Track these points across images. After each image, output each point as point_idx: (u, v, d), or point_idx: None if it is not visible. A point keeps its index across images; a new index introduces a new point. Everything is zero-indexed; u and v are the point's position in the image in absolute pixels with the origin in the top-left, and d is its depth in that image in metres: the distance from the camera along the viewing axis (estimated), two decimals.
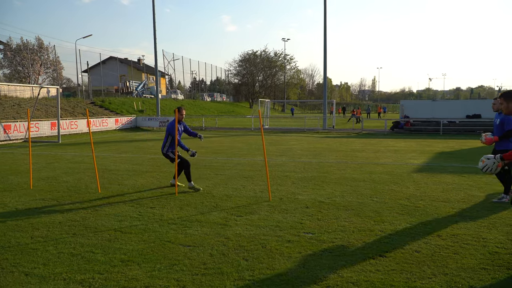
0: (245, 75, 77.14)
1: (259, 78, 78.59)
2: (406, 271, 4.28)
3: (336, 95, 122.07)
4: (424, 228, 5.74)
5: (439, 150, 15.84)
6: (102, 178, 9.55)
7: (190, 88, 67.58)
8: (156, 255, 4.72)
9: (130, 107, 36.74)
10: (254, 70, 76.98)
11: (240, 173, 10.36)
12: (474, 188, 8.41)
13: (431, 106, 28.79)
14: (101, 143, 19.20)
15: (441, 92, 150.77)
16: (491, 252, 4.81)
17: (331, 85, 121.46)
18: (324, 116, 31.10)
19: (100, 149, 16.52)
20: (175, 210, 6.76)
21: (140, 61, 68.02)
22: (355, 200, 7.39)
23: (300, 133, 27.10)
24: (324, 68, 30.93)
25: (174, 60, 56.71)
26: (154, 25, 31.96)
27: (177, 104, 44.67)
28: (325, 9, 29.88)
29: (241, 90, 79.27)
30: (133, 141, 20.46)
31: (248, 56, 77.16)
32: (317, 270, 4.30)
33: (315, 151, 15.43)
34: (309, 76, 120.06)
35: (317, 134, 25.69)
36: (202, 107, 51.10)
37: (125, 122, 30.36)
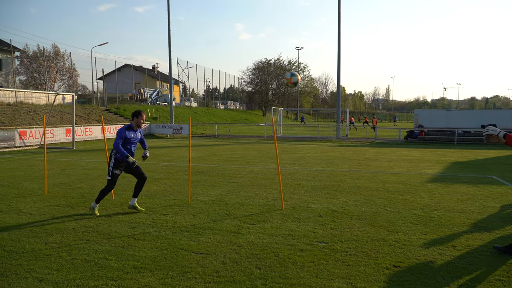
0: (258, 83, 77.33)
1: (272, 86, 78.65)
2: (420, 282, 4.23)
3: (350, 104, 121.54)
4: (438, 238, 5.68)
5: (453, 160, 15.64)
6: (116, 185, 9.64)
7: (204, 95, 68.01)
8: (169, 263, 4.75)
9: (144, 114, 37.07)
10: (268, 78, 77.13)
11: (253, 181, 10.37)
12: (489, 199, 8.29)
13: (445, 115, 28.48)
14: None
15: (456, 102, 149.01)
16: (507, 263, 4.73)
17: (345, 93, 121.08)
18: (338, 124, 30.99)
19: None
20: (188, 217, 6.80)
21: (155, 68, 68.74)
22: (368, 210, 7.33)
23: (313, 141, 27.03)
24: (338, 76, 30.88)
25: (188, 68, 57.26)
26: (169, 33, 32.34)
27: (191, 112, 44.98)
28: (339, 17, 29.90)
29: (254, 98, 79.44)
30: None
31: (261, 64, 77.41)
32: (330, 280, 4.28)
33: (328, 160, 15.37)
34: (322, 84, 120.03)
35: (330, 143, 25.60)
36: (216, 114, 51.36)
37: None
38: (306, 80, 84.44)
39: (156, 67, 69.41)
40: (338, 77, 30.90)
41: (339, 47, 30.19)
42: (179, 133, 31.00)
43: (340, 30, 30.05)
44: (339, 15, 29.90)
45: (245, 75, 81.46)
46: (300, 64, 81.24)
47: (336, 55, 30.47)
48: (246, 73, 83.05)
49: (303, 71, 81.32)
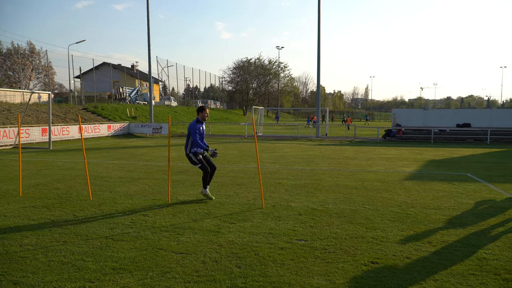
0: (239, 82, 77.28)
1: (253, 85, 78.73)
2: (397, 277, 4.32)
3: (330, 103, 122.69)
4: (415, 235, 5.80)
5: (430, 158, 15.97)
6: (93, 185, 9.52)
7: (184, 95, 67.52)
8: (148, 263, 4.72)
9: (123, 114, 36.64)
10: (248, 78, 77.17)
11: (233, 180, 10.38)
12: (463, 196, 8.51)
13: (422, 114, 29.04)
14: (93, 150, 19.12)
15: (432, 101, 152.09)
16: (480, 258, 4.87)
17: (325, 93, 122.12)
18: (318, 123, 31.23)
19: (92, 155, 16.45)
20: (168, 217, 6.76)
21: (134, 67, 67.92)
22: (347, 208, 7.43)
23: (294, 140, 27.18)
24: (318, 76, 31.12)
25: (168, 66, 56.74)
26: (148, 31, 32.00)
27: (171, 111, 44.65)
28: (319, 17, 30.14)
29: (235, 97, 79.35)
30: (126, 148, 20.40)
31: (242, 63, 77.40)
32: (310, 277, 4.32)
33: (308, 159, 15.49)
34: (302, 84, 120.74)
35: (310, 142, 25.79)
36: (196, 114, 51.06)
37: (118, 128, 30.26)
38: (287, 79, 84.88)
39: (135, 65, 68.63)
40: (318, 77, 31.15)
41: (319, 47, 30.44)
42: (158, 132, 30.73)
43: (320, 30, 30.30)
44: (318, 15, 30.14)
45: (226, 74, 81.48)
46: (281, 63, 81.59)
47: (316, 55, 30.72)
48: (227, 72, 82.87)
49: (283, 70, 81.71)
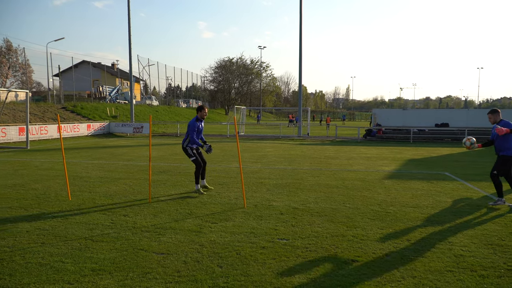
0: (221, 82, 77.15)
1: (235, 85, 78.72)
2: (377, 274, 4.38)
3: (311, 103, 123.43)
4: (394, 233, 5.89)
5: (409, 157, 16.24)
6: (72, 186, 9.37)
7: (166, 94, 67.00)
8: (129, 264, 4.67)
9: (103, 113, 36.15)
10: (230, 77, 77.12)
11: (215, 180, 10.35)
12: (441, 194, 8.68)
13: (402, 114, 29.49)
14: (72, 149, 18.81)
15: (412, 101, 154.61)
16: (457, 255, 4.98)
17: (306, 93, 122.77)
18: (299, 123, 31.39)
19: (71, 155, 16.18)
20: (149, 217, 6.70)
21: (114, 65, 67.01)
22: (328, 206, 7.50)
23: (276, 140, 27.26)
24: (300, 76, 31.29)
25: (149, 65, 56.18)
26: (129, 29, 31.64)
27: (152, 110, 44.25)
28: (301, 17, 30.29)
29: (217, 96, 79.17)
30: (106, 147, 20.13)
31: (224, 63, 77.29)
32: (291, 276, 4.35)
33: (290, 158, 15.57)
34: (284, 83, 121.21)
35: (292, 141, 25.91)
36: (178, 113, 50.74)
37: (98, 128, 29.85)
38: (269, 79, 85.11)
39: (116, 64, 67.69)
40: (300, 77, 31.32)
41: (301, 47, 30.60)
42: (139, 132, 30.43)
43: (301, 30, 30.46)
44: (300, 15, 30.29)
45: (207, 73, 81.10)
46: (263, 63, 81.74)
47: (298, 54, 30.88)
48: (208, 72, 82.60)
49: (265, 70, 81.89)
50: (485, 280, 4.26)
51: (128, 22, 31.61)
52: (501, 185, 7.60)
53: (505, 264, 4.68)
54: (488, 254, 5.03)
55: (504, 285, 4.14)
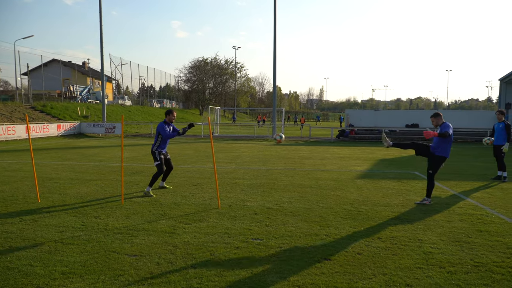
0: (195, 82, 76.55)
1: (209, 85, 78.26)
2: (349, 272, 4.46)
3: (286, 104, 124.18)
4: (365, 231, 6.01)
5: (380, 157, 16.57)
6: (42, 187, 9.13)
7: (139, 94, 66.01)
8: (100, 266, 4.59)
9: (74, 113, 35.34)
10: (205, 77, 76.62)
11: (189, 180, 10.29)
12: (411, 193, 8.91)
13: (374, 115, 30.06)
14: (42, 150, 18.30)
15: (383, 102, 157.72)
16: (426, 252, 5.12)
17: (281, 93, 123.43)
18: (274, 124, 31.54)
19: (40, 156, 15.74)
20: (121, 219, 6.60)
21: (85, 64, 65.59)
22: (302, 206, 7.57)
23: (250, 140, 27.30)
24: (274, 77, 31.43)
25: (121, 64, 55.21)
26: (100, 27, 31.04)
27: (124, 110, 43.55)
28: (275, 18, 30.43)
29: (191, 97, 78.53)
30: (77, 148, 19.69)
31: (198, 63, 76.75)
32: (265, 275, 4.38)
33: (264, 158, 15.62)
34: (259, 84, 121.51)
35: (266, 142, 26.01)
36: (151, 113, 50.11)
37: (68, 128, 29.16)
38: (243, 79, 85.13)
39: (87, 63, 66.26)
40: (274, 78, 31.46)
41: (275, 48, 30.74)
42: (112, 132, 29.89)
43: (275, 31, 30.60)
44: (274, 15, 30.44)
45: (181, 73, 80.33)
46: (237, 63, 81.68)
47: (272, 55, 31.01)
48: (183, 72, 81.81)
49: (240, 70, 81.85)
50: (453, 276, 4.40)
51: (100, 20, 31.02)
52: (434, 186, 7.89)
53: (472, 261, 4.84)
54: (456, 251, 5.19)
55: (471, 280, 4.28)
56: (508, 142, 10.84)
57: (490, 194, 8.90)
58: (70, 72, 54.68)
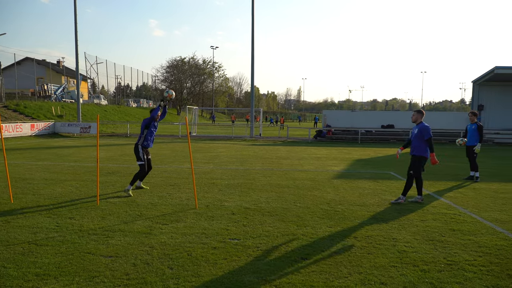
0: (172, 81, 75.91)
1: (187, 85, 77.77)
2: (325, 271, 4.52)
3: (264, 104, 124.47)
4: (342, 230, 6.10)
5: (357, 158, 16.81)
6: (15, 188, 8.90)
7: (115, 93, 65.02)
8: (75, 268, 4.52)
9: (48, 112, 34.54)
10: (182, 77, 76.10)
11: (166, 180, 10.21)
12: (387, 193, 9.08)
13: (350, 116, 30.45)
14: (15, 150, 17.83)
15: (360, 103, 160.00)
16: (400, 251, 5.24)
17: (259, 94, 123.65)
18: (252, 124, 31.59)
19: (13, 156, 15.33)
20: (96, 220, 6.51)
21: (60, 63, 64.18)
22: (279, 206, 7.62)
23: (228, 140, 27.26)
24: (252, 77, 31.48)
25: (97, 63, 54.27)
26: (75, 25, 30.45)
27: (100, 110, 42.83)
28: (253, 18, 30.49)
29: None
30: (51, 148, 19.26)
31: (176, 62, 76.17)
32: (242, 275, 4.39)
33: (242, 158, 15.64)
34: (237, 84, 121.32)
35: (244, 142, 26.02)
36: (127, 113, 49.44)
37: (42, 127, 28.48)
38: (221, 79, 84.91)
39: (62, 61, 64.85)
40: (252, 78, 31.52)
41: (253, 48, 30.79)
42: (87, 132, 29.36)
43: (253, 31, 30.67)
44: (252, 16, 30.49)
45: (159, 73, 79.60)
46: (215, 63, 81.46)
47: (250, 55, 31.07)
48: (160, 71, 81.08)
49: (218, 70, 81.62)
50: (427, 274, 4.51)
51: (75, 18, 30.43)
52: (411, 186, 8.12)
53: (445, 259, 4.97)
54: (430, 249, 5.32)
55: (444, 279, 4.39)
56: (480, 143, 11.16)
57: (463, 194, 9.15)
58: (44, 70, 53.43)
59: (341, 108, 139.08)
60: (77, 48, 30.93)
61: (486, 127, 25.99)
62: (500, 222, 6.72)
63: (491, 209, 7.66)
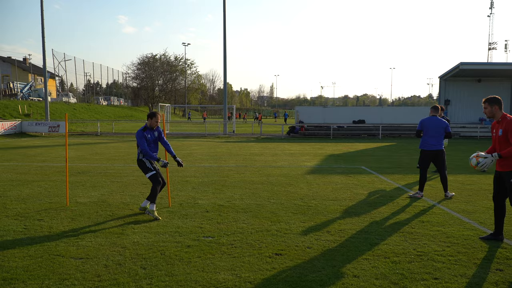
0: (144, 78, 74.63)
1: (159, 82, 76.60)
2: (299, 266, 4.56)
3: (237, 101, 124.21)
4: (315, 225, 6.16)
5: (329, 153, 17.03)
6: None
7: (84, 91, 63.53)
8: (44, 271, 4.39)
9: (15, 111, 33.43)
10: (154, 74, 74.89)
11: (139, 179, 10.06)
12: (358, 187, 9.23)
13: (322, 112, 30.82)
14: None
15: (332, 99, 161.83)
16: (372, 243, 5.34)
17: (232, 90, 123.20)
18: (225, 121, 31.49)
19: None
20: (66, 221, 6.34)
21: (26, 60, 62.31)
22: (253, 202, 7.63)
23: (201, 138, 27.10)
24: (224, 73, 31.36)
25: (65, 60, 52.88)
26: (42, 21, 29.54)
27: (69, 108, 41.77)
28: (224, 15, 30.34)
29: (140, 94, 76.48)
30: (18, 148, 18.65)
31: (147, 59, 74.91)
32: (216, 272, 4.38)
33: (216, 156, 15.58)
34: (210, 81, 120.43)
35: (218, 139, 25.92)
36: (98, 111, 48.41)
37: (9, 127, 27.54)
38: (194, 76, 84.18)
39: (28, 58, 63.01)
40: (225, 74, 31.41)
41: (225, 44, 30.68)
42: (55, 131, 28.57)
43: (225, 27, 30.54)
44: (224, 12, 30.35)
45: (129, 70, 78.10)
46: (187, 60, 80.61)
47: (223, 52, 30.93)
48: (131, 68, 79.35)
49: (190, 67, 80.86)
50: (397, 265, 4.61)
51: (41, 13, 29.53)
52: (425, 180, 8.36)
53: (414, 250, 5.10)
54: (400, 241, 5.45)
55: (414, 269, 4.50)
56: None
57: (431, 187, 9.40)
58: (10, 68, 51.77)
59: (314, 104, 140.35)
60: (44, 45, 30.05)
61: (453, 121, 26.78)
62: (467, 213, 6.95)
63: (458, 201, 7.91)
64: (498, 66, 28.58)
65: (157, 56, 75.39)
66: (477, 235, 5.71)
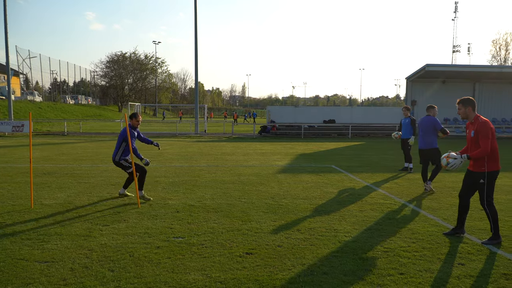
0: (113, 77, 73.18)
1: (128, 80, 75.29)
2: (270, 265, 4.58)
3: (208, 100, 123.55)
4: (286, 224, 6.20)
5: (300, 152, 17.18)
6: None
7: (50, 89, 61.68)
8: (7, 275, 4.24)
9: None
10: (123, 73, 73.55)
11: (107, 180, 9.85)
12: (328, 186, 9.36)
13: (293, 112, 31.03)
14: None
15: (303, 99, 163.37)
16: (341, 241, 5.42)
17: (203, 90, 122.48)
18: (196, 120, 31.26)
19: None
20: (30, 224, 6.14)
21: None
22: (224, 202, 7.61)
23: (172, 137, 26.81)
24: (196, 73, 31.12)
25: (30, 57, 51.20)
26: (5, 16, 28.48)
27: (34, 107, 40.45)
28: (196, 13, 30.11)
29: (109, 93, 74.97)
30: None
31: (116, 57, 73.48)
32: (186, 273, 4.34)
33: (187, 156, 15.44)
34: (181, 80, 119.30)
35: (189, 139, 25.71)
36: (64, 110, 47.09)
37: None
38: (165, 75, 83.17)
39: None
40: (196, 74, 31.17)
41: (196, 43, 30.45)
42: (20, 130, 27.58)
43: (196, 26, 30.31)
44: (195, 10, 30.10)
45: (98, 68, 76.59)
46: (158, 59, 79.62)
47: (194, 51, 30.68)
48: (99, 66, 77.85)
49: (161, 66, 79.85)
50: (365, 262, 4.70)
51: (4, 8, 28.47)
52: None
53: (381, 247, 5.21)
54: (368, 238, 5.56)
55: (381, 265, 4.60)
56: (414, 136, 11.80)
57: (398, 184, 9.64)
58: None
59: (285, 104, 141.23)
60: (7, 41, 28.98)
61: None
62: (431, 210, 7.16)
63: (423, 198, 8.14)
64: (462, 68, 29.53)
65: (127, 54, 74.13)
66: (441, 231, 5.89)
